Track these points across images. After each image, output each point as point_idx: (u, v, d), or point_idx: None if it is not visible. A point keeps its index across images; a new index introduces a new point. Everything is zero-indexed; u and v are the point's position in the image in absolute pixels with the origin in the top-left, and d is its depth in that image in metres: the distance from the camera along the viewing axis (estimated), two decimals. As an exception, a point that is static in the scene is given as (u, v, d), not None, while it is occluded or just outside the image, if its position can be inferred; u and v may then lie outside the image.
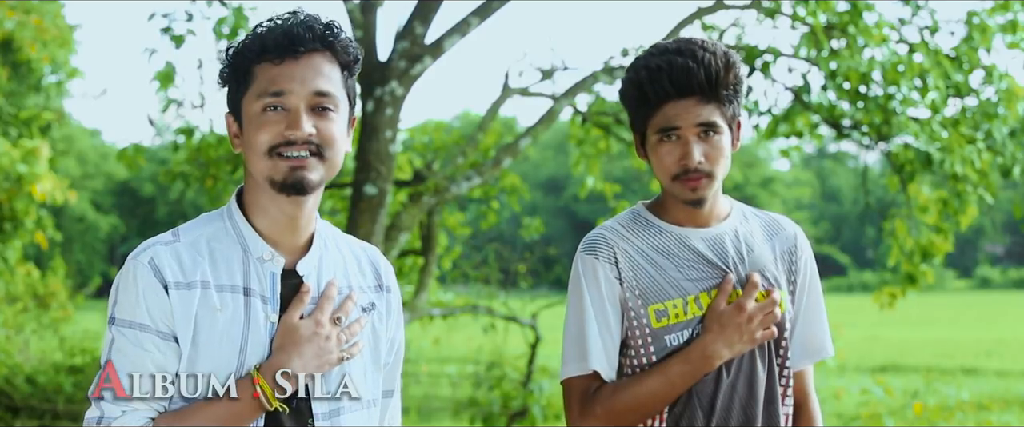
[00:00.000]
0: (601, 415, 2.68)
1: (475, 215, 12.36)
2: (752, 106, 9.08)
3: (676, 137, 2.68)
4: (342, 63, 2.42)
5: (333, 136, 2.38)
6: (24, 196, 11.40)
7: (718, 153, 2.69)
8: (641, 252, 2.74)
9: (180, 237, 2.40)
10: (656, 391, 2.66)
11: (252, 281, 2.38)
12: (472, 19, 8.19)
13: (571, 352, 2.73)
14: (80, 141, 51.62)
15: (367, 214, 7.76)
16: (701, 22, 9.26)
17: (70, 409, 10.98)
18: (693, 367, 2.66)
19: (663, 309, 2.72)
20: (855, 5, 8.11)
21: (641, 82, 2.70)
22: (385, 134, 7.87)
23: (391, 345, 2.56)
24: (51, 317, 13.22)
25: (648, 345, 2.72)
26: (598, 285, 2.72)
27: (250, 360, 2.33)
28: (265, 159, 2.35)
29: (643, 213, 2.82)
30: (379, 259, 2.59)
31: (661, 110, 2.68)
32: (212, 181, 9.34)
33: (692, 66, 2.65)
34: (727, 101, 2.71)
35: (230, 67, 2.42)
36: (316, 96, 2.37)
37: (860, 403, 13.01)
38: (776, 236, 2.86)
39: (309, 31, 2.37)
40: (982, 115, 8.37)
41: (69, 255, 42.50)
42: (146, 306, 2.31)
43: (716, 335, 2.67)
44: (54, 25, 13.15)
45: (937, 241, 9.05)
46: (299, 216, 2.42)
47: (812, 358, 2.89)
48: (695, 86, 2.66)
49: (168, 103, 8.79)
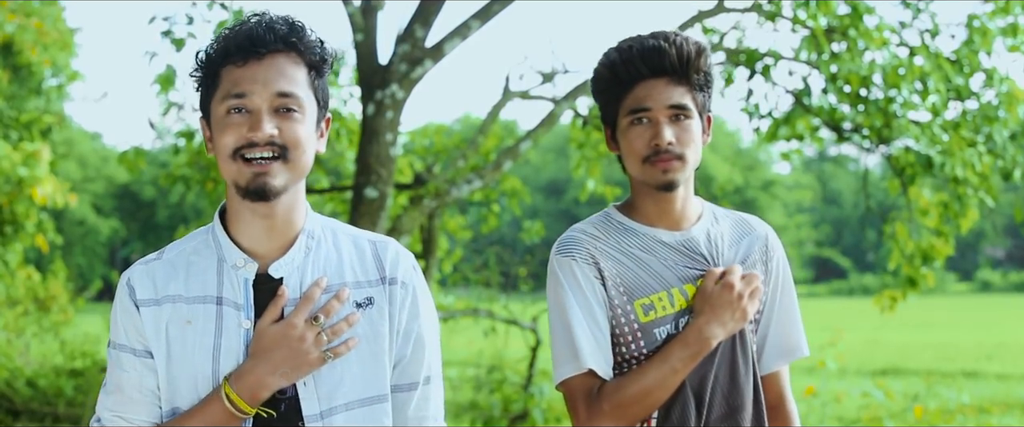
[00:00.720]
0: (609, 411, 2.65)
1: (476, 218, 12.35)
2: (753, 109, 9.07)
3: (647, 120, 2.69)
4: (308, 63, 2.40)
5: (297, 138, 2.35)
6: (25, 199, 11.41)
7: (689, 136, 2.69)
8: (618, 250, 2.74)
9: (164, 254, 2.46)
10: (660, 379, 2.65)
11: (225, 289, 2.38)
12: (473, 22, 8.19)
13: (562, 354, 2.71)
14: (81, 144, 51.68)
15: (367, 217, 7.76)
16: (702, 25, 9.25)
17: (71, 412, 10.97)
18: (691, 350, 2.66)
19: (649, 303, 2.71)
20: (856, 8, 8.10)
21: (613, 64, 2.72)
22: (386, 137, 7.86)
23: (406, 337, 2.49)
24: (52, 320, 13.21)
25: (638, 340, 2.71)
26: (579, 284, 2.71)
27: (224, 368, 2.34)
28: (230, 162, 2.35)
29: (615, 215, 2.82)
30: (388, 251, 2.51)
31: (632, 91, 2.70)
32: (213, 184, 9.34)
33: (664, 46, 2.68)
34: (698, 87, 2.71)
35: (200, 71, 2.41)
36: (279, 97, 2.34)
37: (861, 406, 13.01)
38: (747, 236, 2.86)
39: (271, 32, 2.35)
40: (983, 118, 8.37)
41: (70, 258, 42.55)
42: (123, 326, 2.40)
43: (709, 316, 2.67)
44: (55, 28, 13.15)
45: (938, 244, 9.04)
46: (272, 219, 2.40)
47: (787, 358, 2.88)
48: (667, 65, 2.68)
49: (169, 106, 8.79)
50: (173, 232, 11.33)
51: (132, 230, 55.19)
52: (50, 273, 13.85)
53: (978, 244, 65.93)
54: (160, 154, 31.37)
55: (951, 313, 38.18)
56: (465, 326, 12.16)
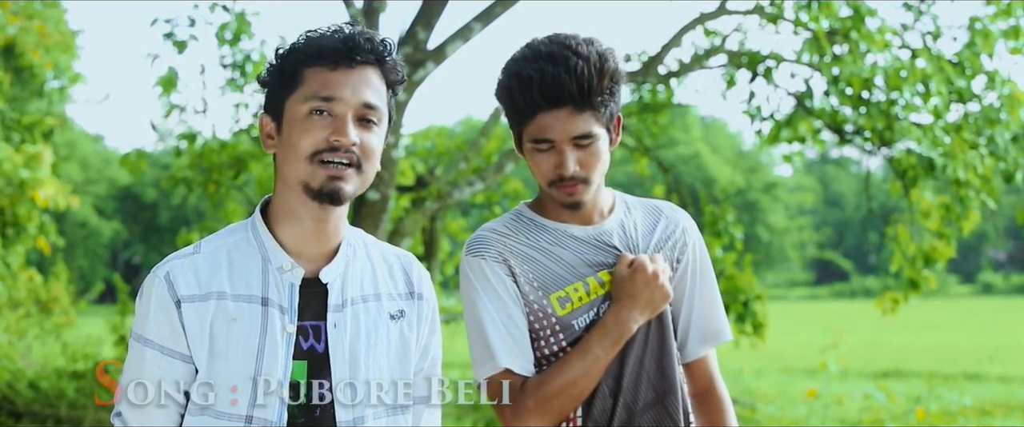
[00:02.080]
0: (533, 407, 2.63)
1: (477, 220, 12.36)
2: (755, 111, 9.08)
3: (551, 147, 2.64)
4: (389, 81, 2.44)
5: (373, 149, 2.39)
6: (27, 201, 11.40)
7: (594, 159, 2.64)
8: (529, 246, 2.72)
9: (201, 249, 2.43)
10: (583, 370, 2.63)
11: (270, 291, 2.38)
12: (475, 24, 8.20)
13: (478, 355, 2.70)
14: (83, 146, 51.63)
15: (369, 220, 7.76)
16: (703, 27, 9.26)
17: (72, 414, 10.96)
18: (612, 337, 2.64)
19: (565, 295, 2.69)
20: (858, 10, 8.11)
21: (512, 91, 2.64)
22: (387, 139, 7.86)
23: (424, 352, 2.55)
24: (53, 322, 13.18)
25: (557, 333, 2.69)
26: (490, 284, 2.69)
27: (266, 369, 2.34)
28: (305, 163, 2.35)
29: (526, 213, 2.79)
30: (412, 266, 2.57)
31: (534, 120, 2.62)
32: (215, 186, 9.34)
33: (563, 77, 2.56)
34: (603, 106, 2.63)
35: (277, 68, 2.42)
36: (364, 107, 2.37)
37: (863, 409, 12.99)
38: (660, 221, 2.84)
39: (368, 43, 2.38)
40: (984, 120, 8.37)
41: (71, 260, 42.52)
42: (154, 322, 2.36)
43: (626, 302, 2.66)
44: (57, 30, 13.15)
45: (939, 246, 9.04)
46: (327, 224, 2.42)
47: (712, 342, 2.86)
48: (566, 97, 2.58)
49: (171, 108, 8.80)
50: (175, 234, 11.30)
51: (134, 232, 55.12)
52: (52, 275, 13.82)
53: (980, 246, 65.84)
54: (162, 156, 31.32)
55: (953, 315, 38.13)
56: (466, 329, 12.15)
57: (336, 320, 2.41)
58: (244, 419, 2.34)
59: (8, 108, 13.14)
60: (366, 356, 2.42)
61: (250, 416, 2.34)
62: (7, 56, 13.10)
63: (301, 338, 2.38)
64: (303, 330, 2.39)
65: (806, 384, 15.64)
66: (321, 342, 2.39)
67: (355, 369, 2.40)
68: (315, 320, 2.40)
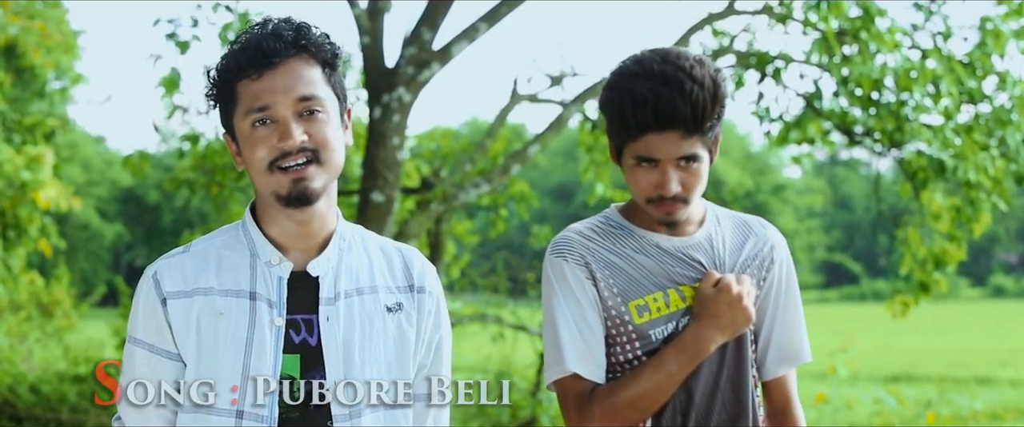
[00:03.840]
0: (600, 415, 2.62)
1: (484, 223, 12.34)
2: (763, 113, 9.03)
3: (654, 166, 2.61)
4: (321, 62, 2.41)
5: (326, 138, 2.38)
6: (28, 203, 11.42)
7: (696, 180, 2.63)
8: (613, 251, 2.70)
9: (191, 248, 2.47)
10: (655, 384, 2.61)
11: (258, 285, 2.40)
12: (480, 25, 8.16)
13: (550, 357, 2.69)
14: (84, 148, 51.72)
15: (374, 222, 7.72)
16: (712, 28, 9.21)
17: (74, 418, 10.95)
18: (688, 355, 2.62)
19: (644, 304, 2.67)
20: (867, 10, 8.05)
21: (623, 109, 2.58)
22: (392, 141, 7.83)
23: (429, 347, 2.54)
24: (55, 326, 13.22)
25: (633, 341, 2.67)
26: (569, 287, 2.68)
27: (255, 364, 2.35)
28: (266, 175, 2.37)
29: (614, 217, 2.77)
30: (414, 260, 2.57)
31: (642, 139, 2.58)
32: (218, 188, 9.35)
33: (678, 102, 2.53)
34: (710, 130, 2.61)
35: (215, 88, 2.43)
36: (301, 102, 2.36)
37: (873, 413, 12.95)
38: (749, 238, 2.81)
39: (279, 40, 2.37)
40: (996, 122, 8.32)
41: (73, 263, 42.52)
42: (142, 321, 2.41)
43: (707, 320, 2.63)
44: (58, 31, 13.16)
45: (950, 249, 9.00)
46: (310, 223, 2.43)
47: (791, 363, 2.83)
48: (679, 122, 2.55)
49: (173, 109, 8.79)
50: (178, 236, 11.33)
51: (136, 234, 55.20)
52: (53, 278, 13.85)
53: (991, 249, 65.74)
54: (164, 158, 31.42)
55: (964, 319, 38.09)
56: (473, 332, 12.12)
57: (328, 313, 2.41)
58: (235, 414, 2.34)
59: (9, 109, 13.14)
60: (361, 349, 2.42)
61: (241, 411, 2.35)
62: (8, 56, 13.10)
63: (292, 332, 2.39)
64: (295, 324, 2.40)
65: (815, 388, 15.55)
66: (313, 336, 2.40)
67: (350, 362, 2.40)
68: (307, 314, 2.41)
